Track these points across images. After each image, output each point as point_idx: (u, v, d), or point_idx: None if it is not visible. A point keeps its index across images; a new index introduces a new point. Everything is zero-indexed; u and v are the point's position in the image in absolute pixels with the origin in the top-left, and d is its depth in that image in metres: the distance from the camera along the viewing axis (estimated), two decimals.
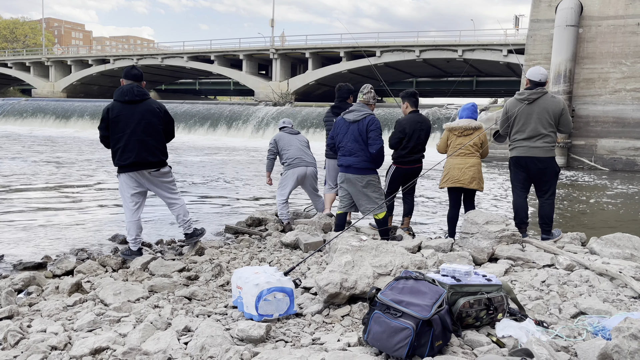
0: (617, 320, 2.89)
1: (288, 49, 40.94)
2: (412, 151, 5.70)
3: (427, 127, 5.82)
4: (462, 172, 5.42)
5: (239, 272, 3.43)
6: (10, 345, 2.80)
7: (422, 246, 4.95)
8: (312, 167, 6.49)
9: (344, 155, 5.17)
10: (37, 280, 4.07)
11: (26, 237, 5.92)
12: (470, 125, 5.48)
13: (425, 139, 5.80)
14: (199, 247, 5.07)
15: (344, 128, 5.17)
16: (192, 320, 3.10)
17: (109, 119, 4.72)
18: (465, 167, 5.42)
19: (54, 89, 49.67)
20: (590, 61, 17.40)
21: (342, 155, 5.21)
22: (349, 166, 5.15)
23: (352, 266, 3.50)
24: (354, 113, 5.17)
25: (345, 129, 5.16)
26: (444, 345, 2.65)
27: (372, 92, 5.33)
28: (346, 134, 5.14)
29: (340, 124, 5.24)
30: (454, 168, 5.46)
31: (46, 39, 64.06)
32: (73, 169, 13.05)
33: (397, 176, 5.78)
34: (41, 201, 8.32)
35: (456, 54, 33.80)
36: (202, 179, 11.82)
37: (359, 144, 5.07)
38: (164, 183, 4.98)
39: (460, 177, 5.43)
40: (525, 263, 4.47)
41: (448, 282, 2.98)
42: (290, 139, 6.46)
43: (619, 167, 17.01)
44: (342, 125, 5.20)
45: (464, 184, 5.43)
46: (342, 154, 5.21)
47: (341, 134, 5.20)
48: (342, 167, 5.24)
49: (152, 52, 48.77)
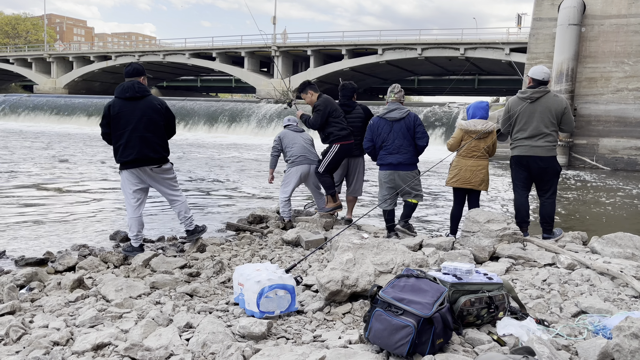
0: (618, 319, 2.89)
1: (290, 46, 40.90)
2: (344, 126, 5.96)
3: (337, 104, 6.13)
4: (473, 174, 5.43)
5: (240, 269, 3.44)
6: (12, 340, 2.81)
7: (424, 244, 4.96)
8: (316, 165, 6.48)
9: (391, 153, 5.34)
10: (39, 276, 4.08)
11: (28, 233, 5.93)
12: (487, 128, 5.44)
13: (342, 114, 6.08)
14: (201, 244, 5.08)
15: (387, 127, 5.34)
16: (193, 316, 3.11)
17: (111, 116, 4.73)
18: (478, 169, 5.42)
19: (56, 85, 49.67)
20: (593, 60, 17.37)
21: (388, 154, 5.36)
22: (398, 164, 5.34)
23: (354, 264, 3.50)
24: (397, 111, 5.35)
25: (388, 128, 5.33)
26: (445, 343, 2.65)
27: (402, 90, 5.55)
28: (391, 132, 5.32)
29: (380, 125, 5.38)
30: (466, 169, 5.44)
31: (48, 35, 63.98)
32: (75, 165, 13.06)
33: (340, 153, 5.96)
34: (43, 197, 8.34)
35: (458, 52, 33.73)
36: (204, 176, 11.83)
37: (407, 140, 5.31)
38: (165, 180, 4.98)
39: (471, 178, 5.44)
40: (526, 262, 4.47)
41: (449, 281, 2.98)
42: (294, 136, 6.47)
43: (621, 166, 16.99)
44: (384, 125, 5.35)
45: (474, 185, 5.45)
46: (387, 152, 5.37)
47: (384, 133, 5.35)
48: (390, 165, 5.37)
49: (154, 49, 48.78)
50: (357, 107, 6.22)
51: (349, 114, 6.18)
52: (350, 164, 6.30)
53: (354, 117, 6.18)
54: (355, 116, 6.18)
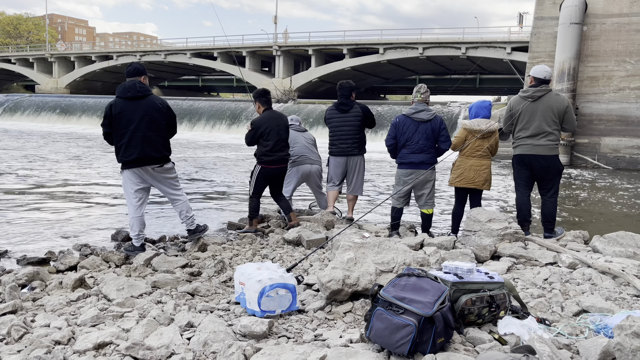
0: (619, 318, 2.88)
1: (291, 45, 40.88)
2: (273, 149, 5.69)
3: (285, 123, 5.84)
4: (477, 174, 5.47)
5: (241, 269, 3.44)
6: (14, 339, 2.82)
7: (425, 243, 4.95)
8: (317, 165, 6.49)
9: (414, 152, 5.43)
10: (41, 275, 4.09)
11: (30, 233, 5.94)
12: (490, 128, 5.46)
13: (286, 136, 5.83)
14: (202, 243, 5.08)
15: (413, 127, 5.42)
16: (194, 316, 3.11)
17: (112, 115, 4.73)
18: (481, 169, 5.46)
19: (57, 85, 49.73)
20: (594, 59, 17.34)
21: (411, 153, 5.45)
22: (420, 162, 5.43)
23: (355, 263, 3.50)
24: (425, 112, 5.43)
25: (414, 127, 5.42)
26: (446, 342, 2.65)
27: (429, 90, 5.60)
28: (416, 132, 5.41)
29: (407, 124, 5.45)
30: (470, 169, 5.47)
31: (50, 35, 64.11)
32: (76, 164, 13.08)
33: (261, 177, 5.78)
34: (44, 197, 8.35)
35: (459, 51, 33.69)
36: (205, 175, 11.84)
37: (430, 141, 5.43)
38: (167, 179, 4.99)
39: (475, 178, 5.48)
40: (527, 261, 4.47)
41: (450, 280, 2.98)
42: (296, 136, 6.46)
43: (622, 165, 16.96)
44: (410, 125, 5.44)
45: (477, 185, 5.49)
46: (410, 152, 5.46)
47: (409, 132, 5.43)
48: (412, 164, 5.46)
49: (155, 49, 48.81)
50: (355, 106, 6.20)
51: (345, 113, 6.19)
52: (349, 162, 6.30)
53: (351, 116, 6.18)
54: (352, 116, 6.18)
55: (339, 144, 6.28)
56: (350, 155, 6.25)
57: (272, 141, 5.67)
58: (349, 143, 6.22)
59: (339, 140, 6.27)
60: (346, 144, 6.23)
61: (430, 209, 5.62)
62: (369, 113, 6.25)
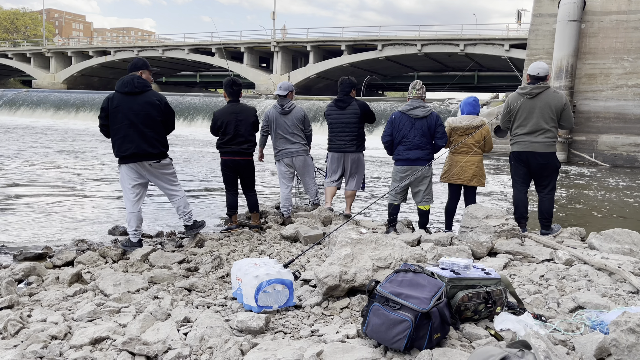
0: (615, 314, 2.89)
1: (289, 42, 40.82)
2: (229, 142, 5.63)
3: (246, 117, 5.67)
4: (462, 170, 5.55)
5: (238, 264, 3.44)
6: (10, 334, 2.82)
7: (422, 240, 4.96)
8: (300, 156, 6.30)
9: (410, 149, 5.44)
10: (38, 270, 4.08)
11: (27, 228, 5.93)
12: (472, 124, 5.50)
13: (247, 130, 5.65)
14: (199, 239, 5.08)
15: (409, 124, 5.43)
16: (191, 311, 3.11)
17: (109, 109, 4.72)
18: (467, 165, 5.51)
19: (55, 81, 49.58)
20: (592, 56, 17.34)
21: (407, 149, 5.46)
22: (417, 159, 5.44)
23: (352, 259, 3.50)
24: (420, 109, 5.43)
25: (410, 124, 5.43)
26: (443, 337, 2.66)
27: (424, 87, 5.60)
28: (412, 129, 5.42)
29: (403, 120, 5.46)
30: (455, 165, 5.57)
31: (47, 30, 63.81)
32: (73, 159, 13.05)
33: (222, 167, 5.85)
34: (41, 192, 8.33)
35: (458, 48, 33.71)
36: (203, 171, 11.82)
37: (426, 138, 5.43)
38: (164, 175, 4.98)
39: (461, 174, 5.56)
40: (524, 257, 4.48)
41: (447, 276, 2.98)
42: (277, 123, 6.31)
43: (620, 163, 17.00)
44: (406, 121, 5.44)
45: (464, 181, 5.55)
46: (406, 148, 5.47)
47: (405, 129, 5.44)
48: (408, 160, 5.48)
49: (153, 44, 48.65)
50: (353, 103, 6.18)
51: (343, 110, 6.18)
52: (346, 159, 6.30)
53: (348, 113, 6.17)
54: (350, 113, 6.16)
55: (336, 140, 6.29)
56: (346, 151, 6.26)
57: (228, 136, 5.64)
58: (346, 140, 6.22)
59: (336, 137, 6.28)
60: (343, 140, 6.24)
61: (427, 205, 5.63)
62: (367, 109, 6.24)
